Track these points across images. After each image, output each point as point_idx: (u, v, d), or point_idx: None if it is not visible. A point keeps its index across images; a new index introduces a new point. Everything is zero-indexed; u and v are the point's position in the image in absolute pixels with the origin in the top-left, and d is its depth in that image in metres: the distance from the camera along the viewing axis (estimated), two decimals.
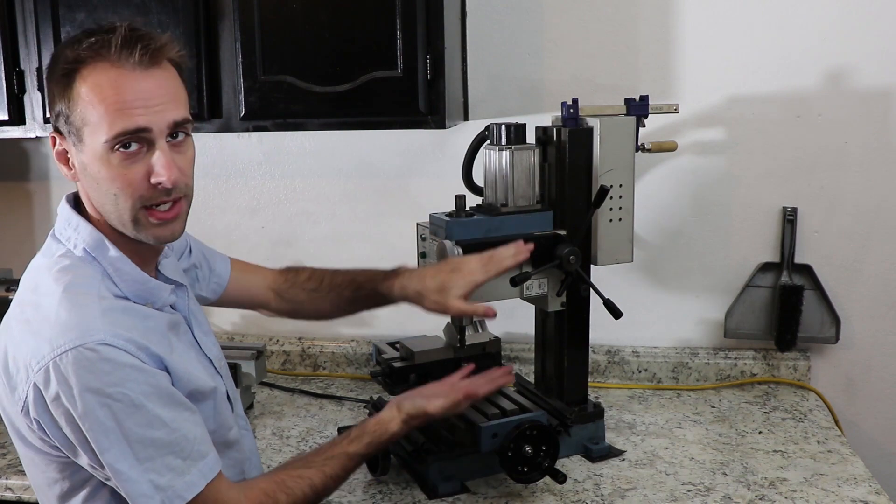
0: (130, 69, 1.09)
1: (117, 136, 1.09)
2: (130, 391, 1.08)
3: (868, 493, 1.51)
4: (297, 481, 1.24)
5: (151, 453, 1.10)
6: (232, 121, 1.86)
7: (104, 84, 1.08)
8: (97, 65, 1.09)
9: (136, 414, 1.08)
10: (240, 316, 2.33)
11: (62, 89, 1.11)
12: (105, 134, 1.09)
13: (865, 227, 2.01)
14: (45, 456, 1.16)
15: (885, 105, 1.95)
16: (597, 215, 1.63)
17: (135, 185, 1.11)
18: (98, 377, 1.06)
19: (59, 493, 1.19)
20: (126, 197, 1.12)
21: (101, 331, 1.08)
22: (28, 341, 1.10)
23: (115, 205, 1.13)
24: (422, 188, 2.16)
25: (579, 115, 1.65)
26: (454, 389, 1.42)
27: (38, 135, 1.95)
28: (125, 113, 1.08)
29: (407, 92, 1.76)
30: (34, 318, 1.12)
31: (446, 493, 1.54)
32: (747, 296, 2.05)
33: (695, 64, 2.00)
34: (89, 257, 1.17)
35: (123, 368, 1.08)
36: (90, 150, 1.11)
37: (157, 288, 1.22)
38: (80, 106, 1.09)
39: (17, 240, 2.36)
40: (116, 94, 1.08)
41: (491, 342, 1.78)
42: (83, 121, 1.10)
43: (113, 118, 1.08)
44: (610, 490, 1.55)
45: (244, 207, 2.28)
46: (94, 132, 1.09)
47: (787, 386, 2.05)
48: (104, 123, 1.08)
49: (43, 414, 1.10)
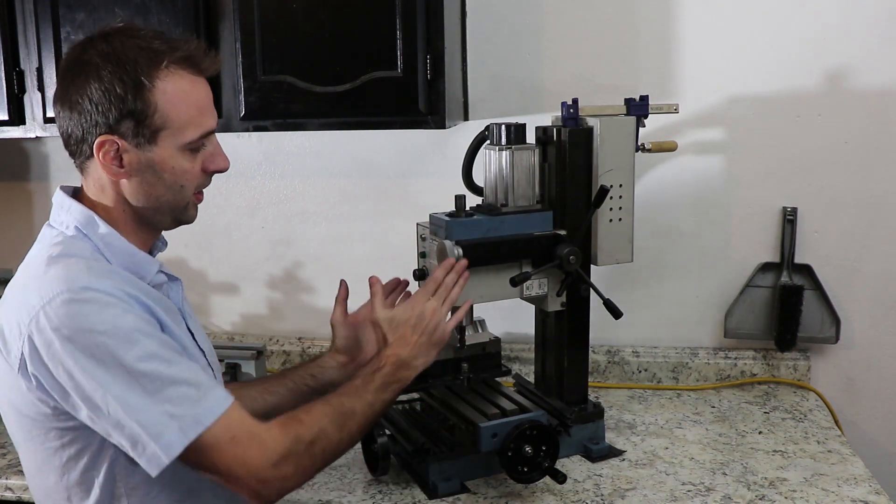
0: (199, 76, 1.22)
1: (201, 137, 1.22)
2: (123, 327, 1.10)
3: (868, 493, 1.51)
4: (313, 408, 1.25)
5: (159, 385, 1.10)
6: (232, 121, 1.86)
7: (188, 90, 1.19)
8: (179, 71, 1.18)
9: (133, 347, 1.09)
10: (240, 316, 2.33)
11: (135, 92, 1.16)
12: (192, 135, 1.20)
13: (865, 227, 2.01)
14: (43, 425, 1.16)
15: (885, 105, 1.95)
16: (597, 215, 1.63)
17: (198, 176, 1.25)
18: (88, 317, 1.09)
19: (60, 464, 1.18)
20: (191, 187, 1.24)
21: (87, 279, 1.12)
22: (19, 299, 1.14)
23: (178, 194, 1.23)
24: (422, 188, 2.16)
25: (579, 115, 1.65)
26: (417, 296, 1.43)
27: (38, 135, 1.95)
28: (204, 117, 1.22)
29: (407, 92, 1.76)
30: (24, 281, 1.16)
31: (446, 493, 1.54)
32: (747, 296, 2.05)
33: (695, 64, 2.00)
34: (80, 234, 1.22)
35: (113, 307, 1.11)
36: (165, 150, 1.19)
37: (146, 261, 1.25)
38: (161, 109, 1.17)
39: (17, 240, 2.36)
40: (197, 100, 1.21)
41: (491, 342, 1.78)
42: (164, 123, 1.18)
43: (198, 121, 1.21)
44: (610, 490, 1.55)
45: (244, 207, 2.28)
46: (175, 133, 1.19)
47: (787, 386, 2.05)
48: (190, 126, 1.20)
49: (39, 367, 1.11)
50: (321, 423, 1.23)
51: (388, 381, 1.34)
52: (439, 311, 1.42)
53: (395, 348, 1.37)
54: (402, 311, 1.41)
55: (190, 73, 1.20)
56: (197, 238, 2.29)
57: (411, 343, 1.38)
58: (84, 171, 1.24)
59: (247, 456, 1.14)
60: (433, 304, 1.41)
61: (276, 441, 1.16)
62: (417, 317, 1.40)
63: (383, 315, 1.41)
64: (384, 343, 1.40)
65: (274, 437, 1.17)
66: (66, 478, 1.19)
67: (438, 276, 1.45)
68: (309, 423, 1.22)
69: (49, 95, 1.90)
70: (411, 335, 1.39)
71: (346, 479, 1.62)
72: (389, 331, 1.40)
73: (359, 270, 1.59)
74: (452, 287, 1.45)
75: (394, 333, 1.39)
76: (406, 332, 1.39)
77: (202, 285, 2.32)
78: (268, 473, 1.15)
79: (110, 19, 1.82)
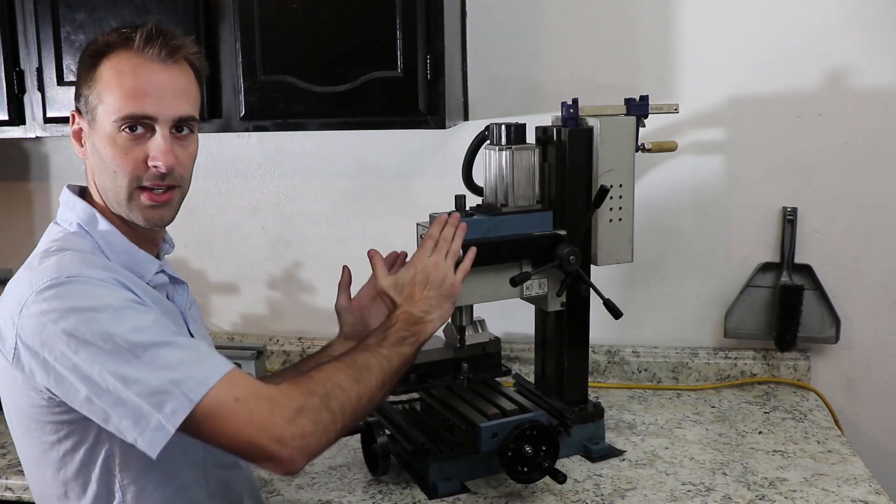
0: (150, 60, 1.19)
1: (126, 117, 1.18)
2: (112, 302, 1.09)
3: (868, 493, 1.51)
4: (325, 366, 1.21)
5: (156, 353, 1.07)
6: (232, 121, 1.86)
7: (125, 70, 1.18)
8: (122, 52, 1.19)
9: (124, 321, 1.08)
10: (240, 316, 2.33)
11: (87, 71, 1.21)
12: (116, 114, 1.18)
13: (865, 227, 2.01)
14: (39, 419, 1.16)
15: (885, 105, 1.95)
16: (597, 215, 1.63)
17: (133, 165, 1.19)
18: (74, 298, 1.09)
19: (56, 459, 1.18)
20: (124, 175, 1.19)
21: (79, 269, 1.12)
22: (11, 291, 1.14)
23: (113, 181, 1.20)
24: (422, 188, 2.16)
25: (579, 115, 1.65)
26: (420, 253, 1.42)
27: (38, 135, 1.95)
28: (137, 99, 1.18)
29: (407, 92, 1.76)
30: (18, 276, 1.17)
31: (446, 493, 1.54)
32: (747, 296, 2.05)
33: (695, 64, 2.00)
34: (82, 231, 1.23)
35: (100, 287, 1.11)
36: (101, 129, 1.19)
37: (146, 260, 1.25)
38: (99, 87, 1.19)
39: (17, 240, 2.36)
40: (133, 81, 1.18)
41: (491, 342, 1.78)
42: (99, 100, 1.19)
43: (125, 101, 1.17)
44: (610, 490, 1.55)
45: (244, 207, 2.28)
46: (106, 112, 1.18)
47: (787, 386, 2.05)
48: (117, 104, 1.18)
49: (33, 354, 1.09)
50: (335, 378, 1.17)
51: (402, 336, 1.29)
52: (443, 263, 1.39)
53: (405, 307, 1.35)
54: (405, 273, 1.39)
55: (138, 55, 1.18)
56: (197, 238, 2.29)
57: (421, 299, 1.35)
58: None
59: (255, 415, 1.07)
60: (436, 258, 1.39)
61: (287, 397, 1.10)
62: (421, 273, 1.37)
63: (387, 281, 1.39)
64: (393, 307, 1.37)
65: (284, 394, 1.10)
66: (63, 472, 1.18)
67: (434, 233, 1.43)
68: (321, 378, 1.16)
69: (49, 95, 1.90)
70: (420, 292, 1.36)
71: (346, 479, 1.62)
72: (396, 294, 1.37)
73: (359, 270, 1.59)
74: (452, 240, 1.43)
75: (401, 295, 1.36)
76: (413, 290, 1.36)
77: (202, 285, 2.32)
78: (283, 431, 1.07)
79: (110, 19, 1.82)
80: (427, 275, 1.37)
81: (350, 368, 1.20)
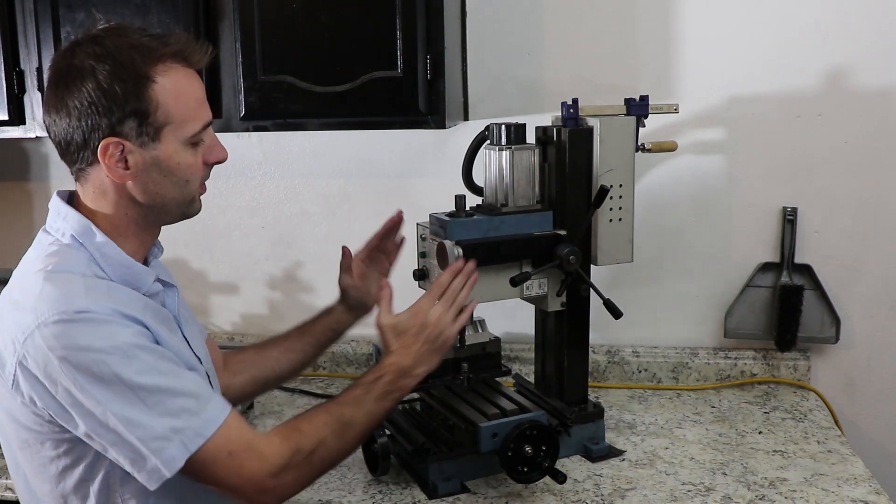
0: (192, 69, 1.22)
1: (202, 129, 1.22)
2: (120, 343, 1.10)
3: (868, 493, 1.51)
4: (314, 417, 1.26)
5: (160, 398, 1.10)
6: (232, 121, 1.86)
7: (184, 85, 1.19)
8: (175, 66, 1.18)
9: (132, 363, 1.09)
10: (240, 316, 2.33)
11: (136, 90, 1.15)
12: (192, 129, 1.20)
13: (865, 227, 2.01)
14: (39, 434, 1.16)
15: (885, 105, 1.95)
16: (597, 215, 1.63)
17: (202, 168, 1.25)
18: (84, 337, 1.08)
19: (55, 472, 1.18)
20: (196, 180, 1.24)
21: (84, 301, 1.11)
22: (14, 316, 1.13)
23: (183, 189, 1.23)
24: (422, 188, 2.16)
25: (579, 115, 1.65)
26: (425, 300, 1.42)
27: (38, 135, 1.95)
28: (200, 110, 1.22)
29: (407, 92, 1.76)
30: (20, 297, 1.15)
31: (446, 493, 1.54)
32: (747, 296, 2.05)
33: (695, 64, 2.00)
34: (76, 243, 1.20)
35: (109, 325, 1.10)
36: (169, 146, 1.19)
37: (143, 272, 1.24)
38: (163, 105, 1.16)
39: (17, 240, 2.34)
40: (193, 93, 1.21)
41: (491, 342, 1.78)
42: (167, 119, 1.17)
43: (198, 114, 1.21)
44: (610, 490, 1.55)
45: (244, 207, 2.28)
46: (177, 128, 1.19)
47: (787, 386, 2.05)
48: (191, 120, 1.20)
49: (35, 385, 1.10)
50: (321, 434, 1.23)
51: (388, 390, 1.33)
52: (444, 317, 1.39)
53: (397, 356, 1.35)
54: (407, 319, 1.39)
55: (184, 67, 1.20)
56: (197, 238, 2.29)
57: (414, 352, 1.36)
58: (82, 177, 1.21)
59: (245, 468, 1.15)
60: (438, 311, 1.39)
61: (275, 453, 1.18)
62: (421, 325, 1.37)
63: (387, 322, 1.39)
64: (387, 350, 1.38)
65: (273, 449, 1.18)
66: (62, 486, 1.18)
67: (444, 281, 1.42)
68: (309, 433, 1.22)
69: None
70: (414, 343, 1.36)
71: (346, 479, 1.62)
72: (393, 338, 1.38)
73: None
74: (460, 291, 1.42)
75: (397, 341, 1.37)
76: (409, 340, 1.37)
77: (202, 285, 2.32)
78: (266, 484, 1.17)
79: (111, 19, 1.81)
80: (426, 327, 1.38)
81: (337, 423, 1.26)
